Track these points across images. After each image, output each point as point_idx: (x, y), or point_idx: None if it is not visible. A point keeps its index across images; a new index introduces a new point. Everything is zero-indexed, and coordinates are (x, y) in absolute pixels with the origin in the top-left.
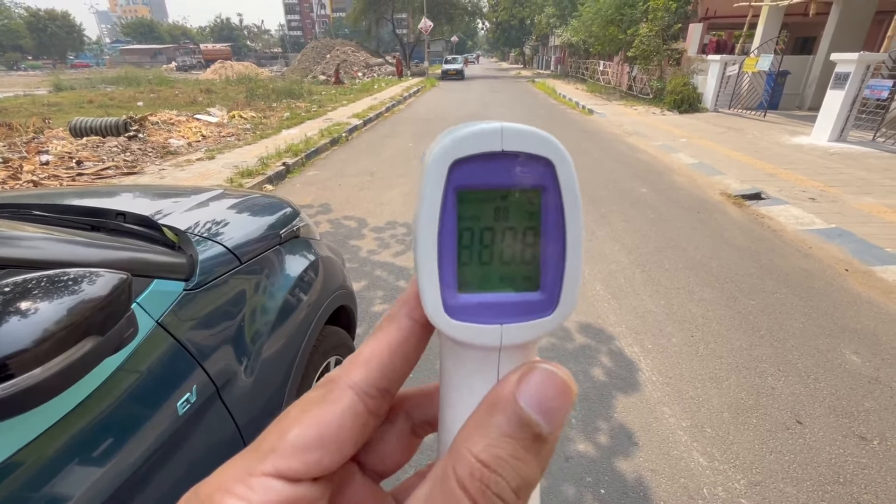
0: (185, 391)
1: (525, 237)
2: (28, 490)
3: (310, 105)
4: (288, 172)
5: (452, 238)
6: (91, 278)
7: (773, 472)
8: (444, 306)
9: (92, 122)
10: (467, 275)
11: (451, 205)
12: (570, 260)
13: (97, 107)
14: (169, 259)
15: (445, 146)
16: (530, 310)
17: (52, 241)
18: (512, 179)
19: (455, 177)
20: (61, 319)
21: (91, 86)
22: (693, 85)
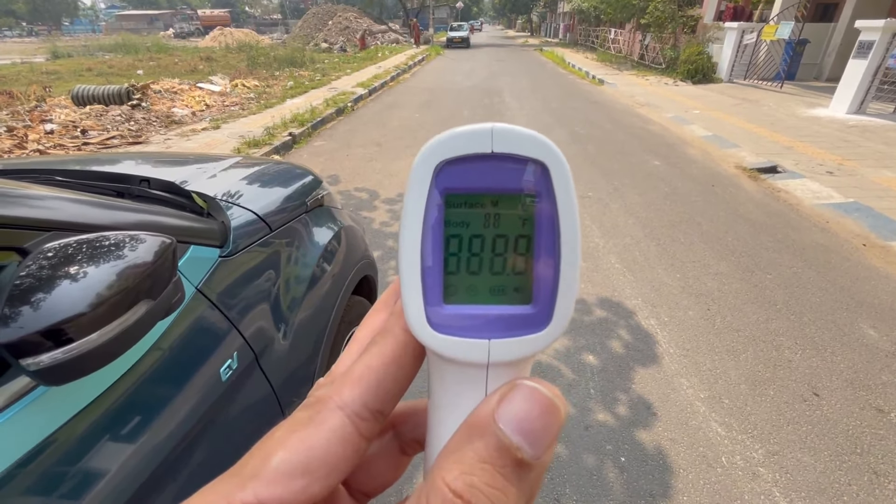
0: (227, 357)
1: (517, 246)
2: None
3: (313, 74)
4: (294, 143)
5: (438, 245)
6: (133, 243)
7: (791, 442)
8: (428, 318)
9: (94, 91)
10: (454, 285)
11: (438, 209)
12: (566, 272)
13: (96, 75)
14: (202, 225)
15: (432, 146)
16: (521, 324)
17: (85, 204)
18: (503, 183)
19: (442, 179)
20: (113, 284)
21: (88, 53)
22: (708, 54)
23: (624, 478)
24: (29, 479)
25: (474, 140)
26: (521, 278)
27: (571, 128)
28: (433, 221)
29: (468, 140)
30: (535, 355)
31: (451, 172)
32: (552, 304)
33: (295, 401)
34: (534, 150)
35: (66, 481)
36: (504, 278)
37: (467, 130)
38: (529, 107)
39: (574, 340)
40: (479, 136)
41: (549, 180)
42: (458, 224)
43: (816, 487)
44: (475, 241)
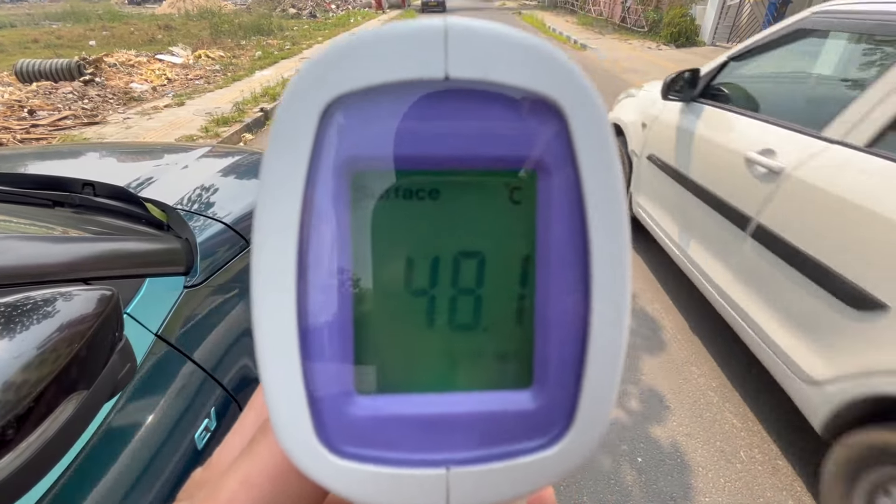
0: (203, 417)
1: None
2: None
3: (282, 42)
4: (267, 119)
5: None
6: (65, 300)
7: (804, 430)
8: (320, 428)
9: (41, 65)
10: (375, 356)
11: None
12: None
13: (43, 47)
14: (160, 246)
15: (315, 65)
16: (512, 431)
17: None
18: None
19: (339, 140)
20: (27, 381)
21: (34, 22)
22: (691, 16)
23: (642, 480)
24: None
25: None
26: (511, 336)
27: None
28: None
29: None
30: (537, 492)
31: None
32: (576, 388)
33: None
34: (535, 74)
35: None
36: (477, 338)
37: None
38: None
39: None
40: (419, 44)
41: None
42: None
43: None
44: (418, 267)
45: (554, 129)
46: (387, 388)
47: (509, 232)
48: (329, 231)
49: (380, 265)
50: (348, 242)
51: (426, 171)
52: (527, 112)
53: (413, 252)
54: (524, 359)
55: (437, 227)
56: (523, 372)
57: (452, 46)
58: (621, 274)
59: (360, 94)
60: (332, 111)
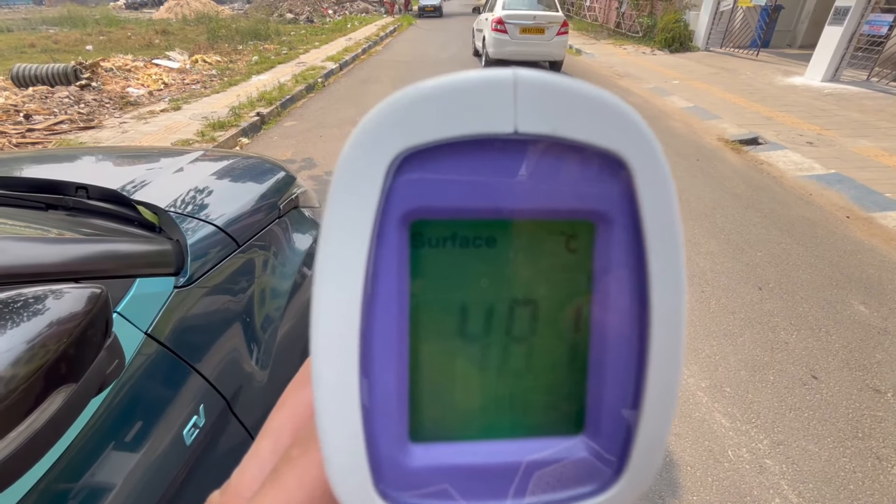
0: (192, 414)
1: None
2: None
3: (279, 47)
4: (263, 124)
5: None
6: (55, 297)
7: (795, 431)
8: (377, 476)
9: (37, 70)
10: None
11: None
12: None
13: (40, 51)
14: (151, 248)
15: (381, 118)
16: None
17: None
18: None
19: (403, 191)
20: (16, 375)
21: (31, 27)
22: (685, 21)
23: None
24: None
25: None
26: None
27: None
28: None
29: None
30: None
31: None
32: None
33: None
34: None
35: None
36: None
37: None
38: None
39: None
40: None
41: (630, 193)
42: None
43: (823, 477)
44: (472, 314)
45: (617, 178)
46: (440, 437)
47: (567, 280)
48: (390, 281)
49: (435, 313)
50: (406, 292)
51: (489, 221)
52: (593, 166)
53: (467, 299)
54: (577, 405)
55: (492, 275)
56: (575, 419)
57: (521, 101)
58: (678, 321)
59: (428, 148)
60: (401, 164)
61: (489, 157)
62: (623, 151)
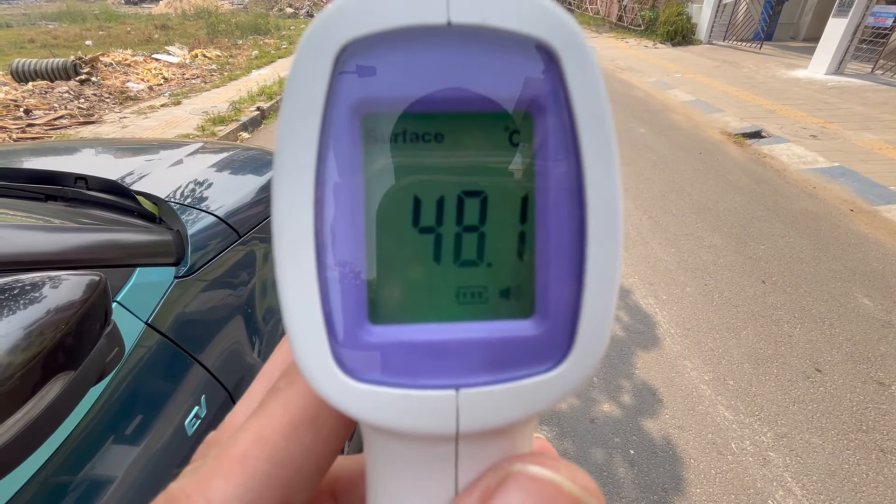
0: (193, 404)
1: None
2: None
3: (279, 42)
4: (264, 118)
5: (351, 214)
6: (39, 293)
7: (798, 423)
8: (337, 355)
9: (36, 65)
10: (387, 287)
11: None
12: (599, 253)
13: (40, 46)
14: (151, 238)
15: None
16: (516, 357)
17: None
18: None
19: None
20: (13, 362)
21: (30, 22)
22: (687, 14)
23: (634, 472)
24: None
25: None
26: (512, 270)
27: None
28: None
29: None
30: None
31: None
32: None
33: None
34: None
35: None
36: (481, 272)
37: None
38: None
39: None
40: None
41: (561, 81)
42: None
43: (826, 469)
44: (425, 206)
45: (548, 71)
46: (398, 319)
47: (511, 171)
48: (342, 170)
49: (389, 204)
50: (360, 182)
51: (431, 114)
52: (523, 56)
53: (420, 192)
54: (526, 290)
55: (441, 167)
56: (525, 302)
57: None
58: (615, 208)
59: (369, 40)
60: (344, 56)
61: (428, 49)
62: (550, 40)
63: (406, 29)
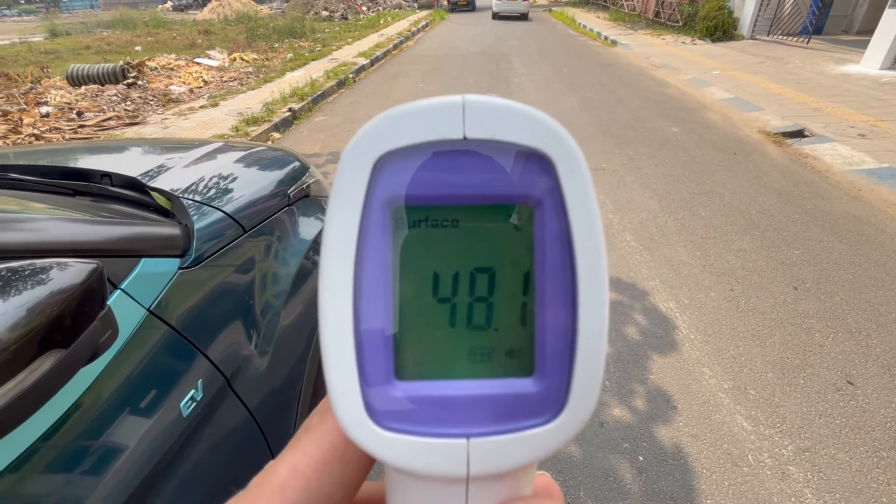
0: (190, 388)
1: (507, 284)
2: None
3: (313, 45)
4: (294, 119)
5: (384, 285)
6: (37, 277)
7: (824, 438)
8: (368, 406)
9: (89, 70)
10: (410, 349)
11: (381, 229)
12: (588, 323)
13: (94, 52)
14: (160, 231)
15: (371, 128)
16: (518, 410)
17: (13, 220)
18: (483, 188)
19: (386, 184)
20: (6, 334)
21: (87, 30)
22: (729, 8)
23: (642, 479)
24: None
25: (436, 120)
26: (515, 334)
27: (583, 93)
28: (373, 251)
29: (427, 120)
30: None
31: (401, 173)
32: (568, 376)
33: (279, 431)
34: (530, 134)
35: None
36: (490, 336)
37: (425, 105)
38: (538, 72)
39: None
40: (444, 114)
41: (556, 182)
42: (414, 253)
43: (852, 487)
44: (443, 279)
45: (547, 173)
46: (419, 376)
47: (514, 252)
48: (377, 253)
49: (413, 279)
50: (389, 262)
51: (449, 206)
52: (525, 161)
53: (438, 268)
54: (527, 352)
55: (456, 248)
56: (526, 362)
57: (469, 115)
58: (601, 284)
59: (401, 150)
60: (380, 164)
61: (447, 156)
62: (547, 150)
63: (432, 143)
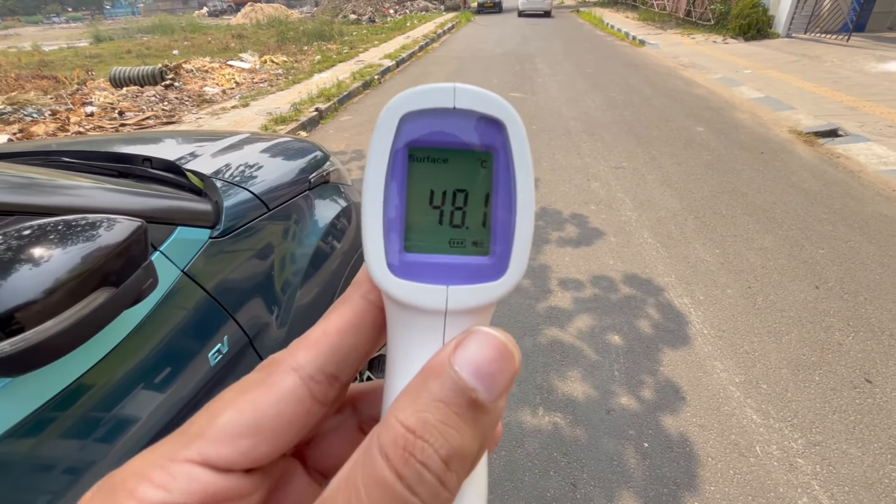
0: (217, 342)
1: (475, 200)
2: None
3: (341, 47)
4: (321, 118)
5: (400, 196)
6: (106, 225)
7: (836, 433)
8: (388, 264)
9: (130, 72)
10: (414, 235)
11: (401, 161)
12: (521, 226)
13: (135, 56)
14: (193, 205)
15: (398, 99)
16: (478, 274)
17: (72, 187)
18: (463, 138)
19: (406, 132)
20: (73, 268)
21: (128, 36)
22: (763, 6)
23: (646, 464)
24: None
25: (438, 95)
26: (479, 231)
27: (607, 93)
28: (396, 173)
29: (432, 95)
30: (493, 305)
31: (415, 124)
32: (508, 256)
33: None
34: (492, 108)
35: (31, 475)
36: (463, 231)
37: (432, 87)
38: (562, 72)
39: (599, 320)
40: (443, 92)
41: (506, 138)
42: (420, 176)
43: (863, 482)
44: (437, 195)
45: (501, 132)
46: (419, 251)
47: (480, 179)
48: (397, 173)
49: (418, 193)
50: (404, 179)
51: (443, 148)
52: (488, 124)
53: (434, 187)
54: (485, 242)
55: (446, 175)
56: (484, 248)
57: (458, 94)
58: (529, 202)
59: (415, 112)
60: (404, 119)
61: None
62: (502, 118)
63: (434, 109)
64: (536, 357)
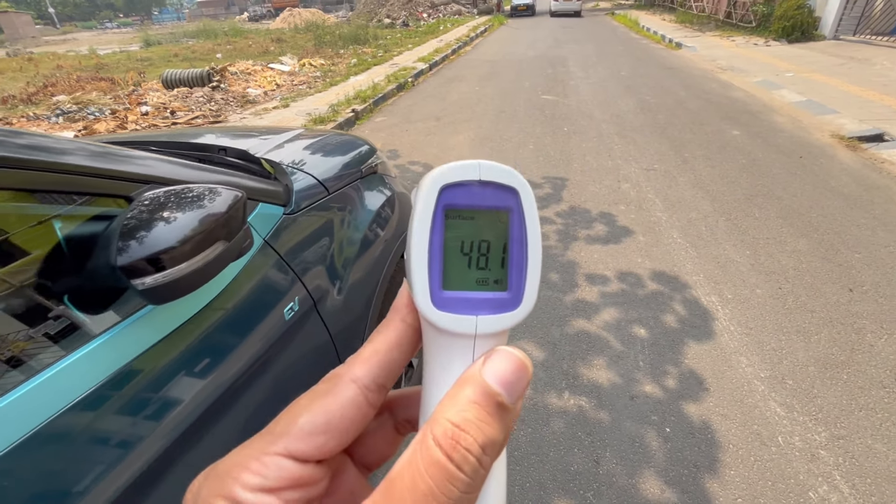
0: (290, 301)
1: (496, 248)
2: (181, 365)
3: (375, 50)
4: (357, 119)
5: (439, 246)
6: (212, 196)
7: (862, 429)
8: (432, 299)
9: (181, 74)
10: (450, 276)
11: (440, 220)
12: (531, 267)
13: (182, 60)
14: (270, 187)
15: (436, 175)
16: (500, 305)
17: (175, 164)
18: (487, 202)
19: (443, 198)
20: (195, 226)
21: (175, 40)
22: (809, 7)
23: (668, 447)
24: (127, 391)
25: (467, 171)
26: (499, 272)
27: (640, 96)
28: (436, 229)
29: (463, 171)
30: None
31: (450, 193)
32: (522, 290)
33: (347, 351)
34: (508, 179)
35: (169, 379)
36: (487, 272)
37: (462, 164)
38: (595, 75)
39: (625, 313)
40: (471, 169)
41: (518, 201)
42: (454, 231)
43: (886, 475)
44: (466, 245)
45: (515, 197)
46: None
47: (499, 232)
48: (437, 227)
49: (452, 243)
50: (442, 233)
51: (471, 210)
52: (506, 190)
53: (464, 239)
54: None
55: (473, 230)
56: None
57: (482, 169)
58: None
59: (451, 184)
60: (441, 189)
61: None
62: (516, 186)
63: (464, 181)
64: (563, 346)
